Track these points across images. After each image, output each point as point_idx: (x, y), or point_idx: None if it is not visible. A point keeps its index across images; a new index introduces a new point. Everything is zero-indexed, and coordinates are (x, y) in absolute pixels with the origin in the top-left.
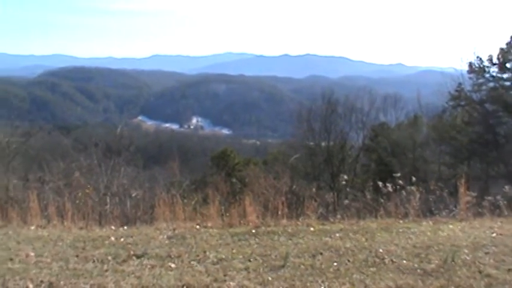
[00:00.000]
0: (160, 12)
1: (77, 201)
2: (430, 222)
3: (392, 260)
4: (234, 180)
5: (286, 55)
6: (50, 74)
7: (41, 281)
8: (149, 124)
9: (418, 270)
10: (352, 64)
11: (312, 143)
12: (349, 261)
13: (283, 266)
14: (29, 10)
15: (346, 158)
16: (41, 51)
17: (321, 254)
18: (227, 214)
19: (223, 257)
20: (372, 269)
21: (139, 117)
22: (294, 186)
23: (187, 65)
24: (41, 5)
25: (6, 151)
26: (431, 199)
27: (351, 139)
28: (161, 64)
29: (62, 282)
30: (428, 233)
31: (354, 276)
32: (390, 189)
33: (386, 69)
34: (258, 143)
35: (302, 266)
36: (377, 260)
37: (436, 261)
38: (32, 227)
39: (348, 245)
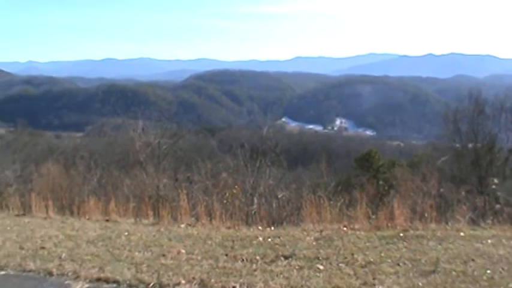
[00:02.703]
0: (305, 14)
1: (225, 201)
2: None
3: None
4: (381, 182)
5: (430, 54)
6: (196, 78)
7: (193, 278)
8: (293, 126)
9: None
10: (501, 62)
11: (458, 145)
12: (503, 269)
13: (433, 272)
14: (175, 17)
15: (495, 160)
16: (187, 55)
17: (473, 260)
18: (374, 216)
19: (372, 260)
20: None
21: (283, 119)
22: (442, 189)
23: (330, 66)
24: (186, 12)
25: (157, 152)
26: None
27: (500, 141)
28: (304, 66)
29: (212, 280)
30: None
31: (510, 285)
32: None
33: None
34: (402, 144)
35: (453, 272)
36: None
37: None
38: (182, 225)
39: (501, 252)
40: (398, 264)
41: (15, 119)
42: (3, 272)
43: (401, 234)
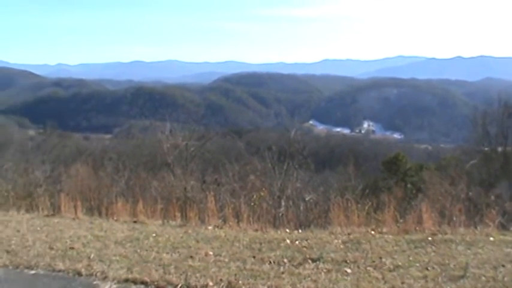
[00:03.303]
0: (333, 16)
1: (252, 203)
2: None
3: None
4: (409, 185)
5: (458, 57)
6: (224, 80)
7: (220, 280)
8: (320, 128)
9: None
10: None
11: (487, 148)
12: None
13: (462, 277)
14: (203, 19)
15: None
16: (215, 58)
17: (503, 266)
18: (402, 220)
19: (400, 264)
20: None
21: (310, 122)
22: (471, 193)
23: (358, 69)
24: (214, 14)
25: (184, 154)
26: None
27: None
28: (331, 68)
29: (240, 282)
30: None
31: None
32: None
33: None
34: (429, 148)
35: (483, 278)
36: None
37: None
38: (210, 227)
39: None
40: (427, 269)
41: (45, 120)
42: (33, 272)
43: (429, 238)
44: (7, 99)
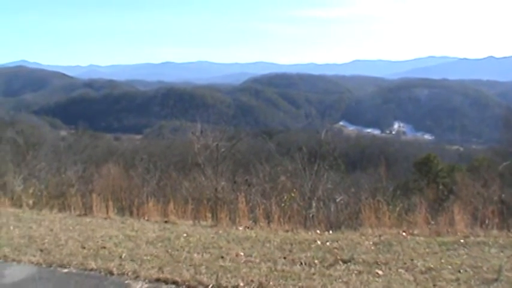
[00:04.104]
0: (363, 17)
1: (283, 204)
2: None
3: None
4: (440, 187)
5: (491, 57)
6: (254, 81)
7: (251, 280)
8: (350, 129)
9: None
10: None
11: None
12: None
13: (496, 280)
14: (233, 21)
15: None
16: (245, 59)
17: None
18: (433, 222)
19: (432, 266)
20: None
21: (341, 123)
22: (504, 195)
23: (388, 69)
24: (244, 15)
25: (215, 154)
26: None
27: None
28: (362, 69)
29: (271, 283)
30: None
31: None
32: None
33: None
34: (461, 149)
35: None
36: None
37: None
38: (240, 228)
39: None
40: (459, 271)
41: (77, 121)
42: (66, 270)
43: (461, 241)
44: (40, 100)
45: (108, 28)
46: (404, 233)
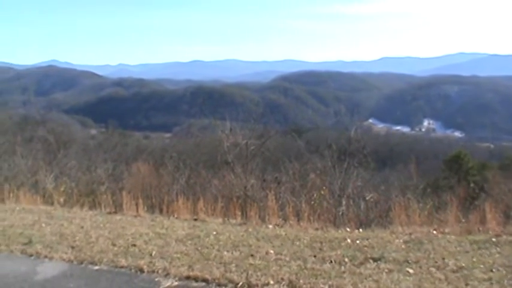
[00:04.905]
0: (392, 13)
1: (313, 202)
2: None
3: None
4: (472, 185)
5: None
6: (282, 79)
7: (281, 278)
8: (379, 127)
9: None
10: None
11: None
12: None
13: None
14: (261, 18)
15: None
16: (273, 56)
17: None
18: (464, 220)
19: (463, 265)
20: None
21: (370, 120)
22: None
23: (417, 66)
24: (272, 13)
25: (245, 152)
26: None
27: None
28: (390, 66)
29: (301, 281)
30: None
31: None
32: None
33: None
34: (492, 146)
35: None
36: None
37: None
38: (270, 226)
39: None
40: (492, 271)
41: (107, 119)
42: (96, 267)
43: (493, 239)
44: (70, 99)
45: (138, 27)
46: (435, 231)
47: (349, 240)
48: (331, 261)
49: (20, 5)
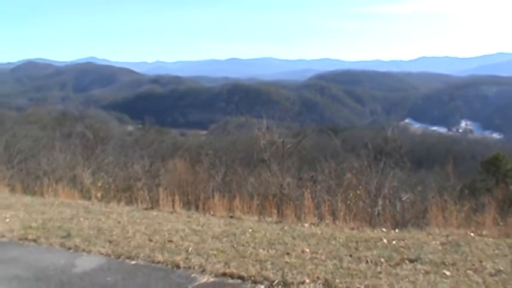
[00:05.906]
0: (430, 13)
1: (349, 202)
2: None
3: None
4: (510, 187)
5: None
6: (319, 77)
7: (317, 277)
8: (416, 127)
9: None
10: None
11: None
12: None
13: None
14: (299, 17)
15: None
16: (310, 55)
17: None
18: (502, 223)
19: (502, 268)
20: None
21: (406, 120)
22: None
23: (456, 66)
24: (310, 12)
25: (281, 150)
26: None
27: None
28: (428, 66)
29: (337, 280)
30: None
31: None
32: None
33: None
34: None
35: None
36: None
37: None
38: (306, 224)
39: None
40: None
41: (143, 116)
42: (133, 262)
43: None
44: (108, 95)
45: (175, 25)
46: (472, 234)
47: (385, 241)
48: (367, 261)
49: (60, 3)
